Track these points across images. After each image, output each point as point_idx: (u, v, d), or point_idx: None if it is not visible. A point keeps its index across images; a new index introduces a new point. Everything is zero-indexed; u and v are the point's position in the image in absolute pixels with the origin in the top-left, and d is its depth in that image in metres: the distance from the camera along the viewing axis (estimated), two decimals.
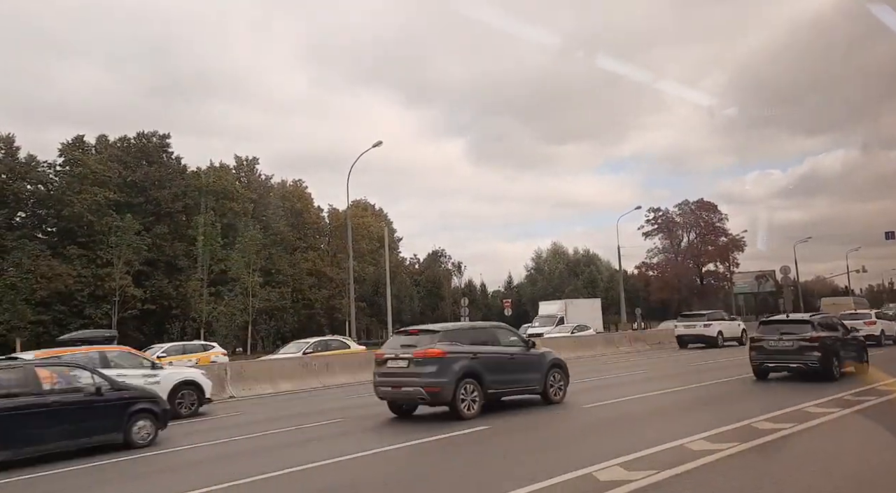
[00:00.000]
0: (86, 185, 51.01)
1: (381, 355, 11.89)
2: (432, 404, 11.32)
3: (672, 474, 6.51)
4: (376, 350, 13.28)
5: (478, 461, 7.95)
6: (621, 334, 36.34)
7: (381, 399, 12.03)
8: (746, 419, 9.36)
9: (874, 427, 9.00)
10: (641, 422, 10.23)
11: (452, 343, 11.31)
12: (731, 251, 76.90)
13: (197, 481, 7.48)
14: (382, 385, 11.60)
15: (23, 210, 52.37)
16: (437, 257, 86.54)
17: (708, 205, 78.68)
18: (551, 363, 12.61)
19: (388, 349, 11.91)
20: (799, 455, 7.48)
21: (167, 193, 55.07)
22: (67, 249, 49.82)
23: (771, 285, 76.41)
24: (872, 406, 10.50)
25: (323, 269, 66.85)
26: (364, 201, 77.36)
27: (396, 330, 15.51)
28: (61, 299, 48.25)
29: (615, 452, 7.50)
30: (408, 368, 11.15)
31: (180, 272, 54.66)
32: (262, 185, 68.26)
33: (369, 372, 19.80)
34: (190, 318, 52.46)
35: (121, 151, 56.49)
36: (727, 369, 17.61)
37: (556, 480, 6.47)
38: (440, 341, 11.25)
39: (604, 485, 6.28)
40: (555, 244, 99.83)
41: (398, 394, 11.43)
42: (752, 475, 6.53)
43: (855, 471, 6.72)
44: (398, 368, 11.34)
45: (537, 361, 12.45)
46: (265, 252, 57.88)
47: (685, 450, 7.58)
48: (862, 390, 12.24)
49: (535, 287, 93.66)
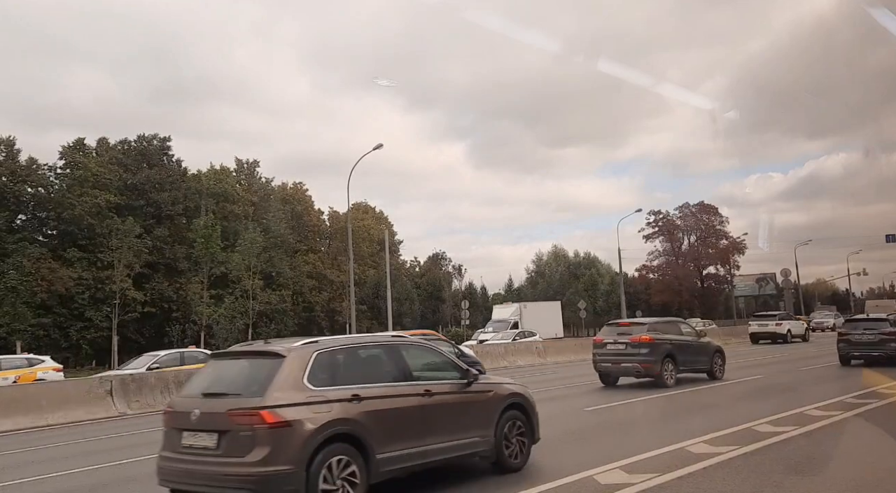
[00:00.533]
0: (86, 188, 51.08)
1: (600, 340, 15.88)
2: (644, 376, 14.86)
3: (673, 477, 6.49)
4: (595, 336, 17.62)
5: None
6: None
7: (598, 372, 15.62)
8: (747, 422, 9.34)
9: (876, 431, 8.97)
10: (641, 425, 10.20)
11: (656, 332, 15.03)
12: (732, 254, 76.88)
13: None
14: (603, 362, 14.95)
15: (23, 213, 52.44)
16: (438, 259, 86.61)
17: (708, 208, 78.76)
18: (714, 349, 16.35)
19: (606, 336, 15.75)
20: (800, 459, 7.45)
21: (167, 196, 55.12)
22: (68, 251, 49.87)
23: (772, 288, 76.40)
24: (874, 409, 10.47)
25: (323, 271, 66.87)
26: (365, 204, 77.42)
27: (608, 322, 18.88)
28: (62, 302, 48.29)
29: (615, 455, 7.48)
30: (625, 350, 14.84)
31: (181, 275, 54.68)
32: (262, 187, 68.32)
33: None
34: (190, 320, 52.47)
35: (121, 153, 56.57)
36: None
37: (557, 483, 6.45)
38: (648, 330, 15.01)
39: (604, 488, 6.26)
40: (555, 247, 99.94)
41: (617, 369, 14.63)
42: (753, 478, 6.51)
43: (856, 475, 6.70)
44: (617, 350, 15.07)
45: (706, 347, 16.22)
46: (265, 255, 57.91)
47: (686, 453, 7.56)
48: (863, 393, 12.21)
49: (536, 290, 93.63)
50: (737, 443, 7.95)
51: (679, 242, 79.98)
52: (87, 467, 9.00)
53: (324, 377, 5.92)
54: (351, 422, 5.80)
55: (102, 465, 9.12)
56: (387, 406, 6.14)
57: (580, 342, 30.63)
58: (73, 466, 9.09)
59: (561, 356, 27.12)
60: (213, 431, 5.66)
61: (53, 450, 11.02)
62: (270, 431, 5.40)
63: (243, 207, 62.06)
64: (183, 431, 5.93)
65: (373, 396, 6.07)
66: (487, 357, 24.77)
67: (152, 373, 17.81)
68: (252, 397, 5.61)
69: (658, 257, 79.73)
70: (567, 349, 28.78)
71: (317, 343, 6.26)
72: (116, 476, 8.41)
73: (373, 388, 6.16)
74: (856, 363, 17.92)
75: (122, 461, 9.35)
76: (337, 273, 65.87)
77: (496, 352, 25.83)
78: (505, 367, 24.34)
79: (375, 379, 6.32)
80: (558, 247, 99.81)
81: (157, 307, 52.78)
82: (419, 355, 7.07)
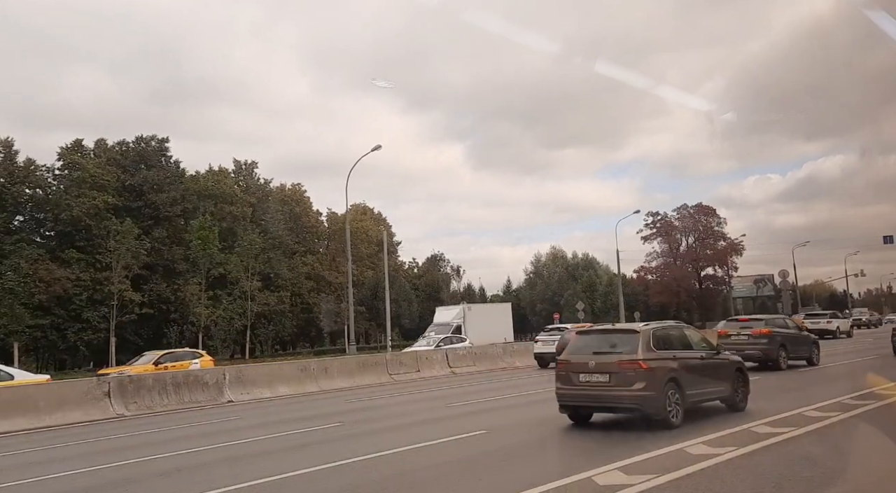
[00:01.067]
0: (84, 189, 51.01)
1: (724, 332, 19.32)
2: (762, 361, 17.85)
3: (671, 478, 6.50)
4: (719, 328, 20.93)
5: (477, 464, 7.92)
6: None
7: None
8: (745, 424, 9.35)
9: (874, 431, 8.98)
10: (639, 426, 10.21)
11: (772, 326, 18.73)
12: (730, 255, 76.89)
13: (198, 485, 7.46)
14: (729, 349, 15.79)
15: (21, 214, 52.37)
16: (437, 261, 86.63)
17: (707, 209, 78.76)
18: (812, 341, 20.09)
19: (730, 330, 19.24)
20: (798, 460, 7.47)
21: (165, 197, 55.06)
22: (66, 252, 49.79)
23: (769, 289, 76.52)
24: (872, 410, 10.49)
25: (322, 273, 66.83)
26: (363, 205, 77.43)
27: (728, 319, 22.78)
28: (59, 303, 48.20)
29: (614, 456, 7.49)
30: (748, 340, 18.13)
31: (179, 276, 54.61)
32: (260, 189, 68.28)
33: (367, 376, 19.56)
34: (188, 322, 52.40)
35: (119, 154, 56.51)
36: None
37: (556, 484, 6.45)
38: (766, 325, 18.75)
39: (603, 489, 6.27)
40: (554, 248, 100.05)
41: (742, 355, 15.46)
42: (751, 479, 6.52)
43: (855, 476, 6.71)
44: (740, 340, 18.18)
45: (807, 339, 19.96)
46: (264, 256, 57.88)
47: (684, 454, 7.57)
48: (861, 394, 12.22)
49: (534, 291, 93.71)
50: (735, 444, 7.97)
51: (677, 243, 79.97)
52: (85, 468, 8.99)
53: (657, 345, 9.98)
54: (675, 371, 9.82)
55: (101, 466, 9.10)
56: (687, 364, 10.17)
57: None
58: (71, 467, 9.08)
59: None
60: (606, 373, 9.70)
61: (52, 451, 11.01)
62: (644, 372, 9.44)
63: (241, 208, 62.01)
64: (580, 373, 9.94)
65: (680, 357, 10.17)
66: (485, 359, 24.73)
67: (150, 375, 17.88)
68: (630, 354, 9.64)
69: (656, 259, 79.75)
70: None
71: (650, 326, 10.83)
72: (115, 478, 8.40)
73: (679, 352, 10.28)
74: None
75: (121, 462, 9.34)
76: (335, 274, 65.82)
77: (494, 354, 25.76)
78: (503, 368, 24.33)
79: (679, 348, 10.43)
80: (556, 248, 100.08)
81: (155, 309, 52.70)
82: (693, 335, 11.38)
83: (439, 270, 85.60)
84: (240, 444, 10.50)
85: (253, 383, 18.15)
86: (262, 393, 17.97)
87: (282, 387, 18.53)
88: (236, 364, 27.54)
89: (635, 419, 9.79)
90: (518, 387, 17.44)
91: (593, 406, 10.14)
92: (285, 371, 19.43)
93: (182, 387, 16.72)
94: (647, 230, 78.52)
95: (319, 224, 73.03)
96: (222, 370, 18.51)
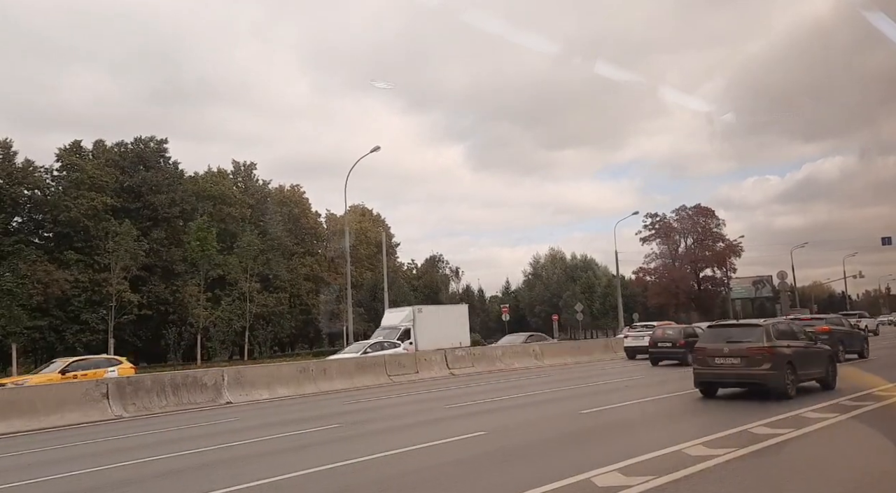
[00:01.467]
0: (83, 190, 50.97)
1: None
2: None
3: (670, 479, 6.51)
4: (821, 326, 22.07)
5: (476, 465, 7.92)
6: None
7: None
8: (743, 425, 9.37)
9: (872, 432, 9.00)
10: (638, 427, 10.23)
11: (832, 325, 21.44)
12: (729, 256, 76.94)
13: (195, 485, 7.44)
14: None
15: (19, 215, 52.27)
16: (435, 262, 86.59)
17: (705, 210, 78.81)
18: (863, 337, 23.21)
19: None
20: (796, 461, 7.48)
21: (164, 198, 55.02)
22: (64, 254, 49.73)
23: (768, 291, 76.48)
24: (870, 411, 10.51)
25: (321, 274, 66.79)
26: (362, 207, 77.41)
27: (791, 317, 25.08)
28: (58, 305, 48.14)
29: (612, 457, 7.49)
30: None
31: (177, 277, 54.57)
32: (259, 190, 68.25)
33: (366, 378, 19.62)
34: (187, 323, 52.34)
35: (118, 156, 56.47)
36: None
37: (555, 485, 6.46)
38: (826, 323, 21.69)
39: (601, 490, 6.27)
40: (552, 250, 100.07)
41: None
42: (749, 480, 6.53)
43: (853, 477, 6.72)
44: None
45: (858, 335, 23.08)
46: (262, 257, 57.84)
47: (683, 455, 7.58)
48: (859, 395, 12.25)
49: (533, 292, 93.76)
50: (734, 445, 7.97)
51: (676, 244, 80.00)
52: (86, 469, 8.98)
53: (776, 336, 12.78)
54: (789, 356, 12.59)
55: (102, 468, 9.09)
56: (797, 351, 12.94)
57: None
58: (71, 469, 9.07)
59: (558, 359, 27.16)
60: (738, 356, 12.54)
61: (52, 453, 11.00)
62: (769, 356, 12.27)
63: (240, 209, 61.97)
64: (715, 358, 12.83)
65: (793, 345, 12.98)
66: (484, 360, 24.78)
67: (149, 376, 17.86)
68: (758, 342, 12.51)
69: (655, 260, 79.78)
70: (563, 352, 28.82)
71: (769, 321, 14.36)
72: (115, 479, 8.39)
73: (791, 342, 13.07)
74: None
75: (121, 463, 9.33)
76: (334, 276, 65.78)
77: (492, 355, 25.79)
78: (501, 370, 24.35)
79: (790, 339, 13.19)
80: (555, 249, 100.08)
81: (153, 310, 52.64)
82: (797, 328, 14.19)
83: (438, 271, 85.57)
84: (239, 445, 10.50)
85: (252, 385, 18.15)
86: (260, 394, 17.97)
87: (280, 388, 18.53)
88: (235, 365, 27.51)
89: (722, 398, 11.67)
90: (517, 388, 17.45)
91: (727, 383, 13.13)
92: (284, 372, 19.43)
93: (181, 388, 16.72)
94: (646, 232, 78.61)
95: (318, 226, 73.00)
96: (221, 372, 18.49)
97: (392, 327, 33.32)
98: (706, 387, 13.17)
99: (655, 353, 24.06)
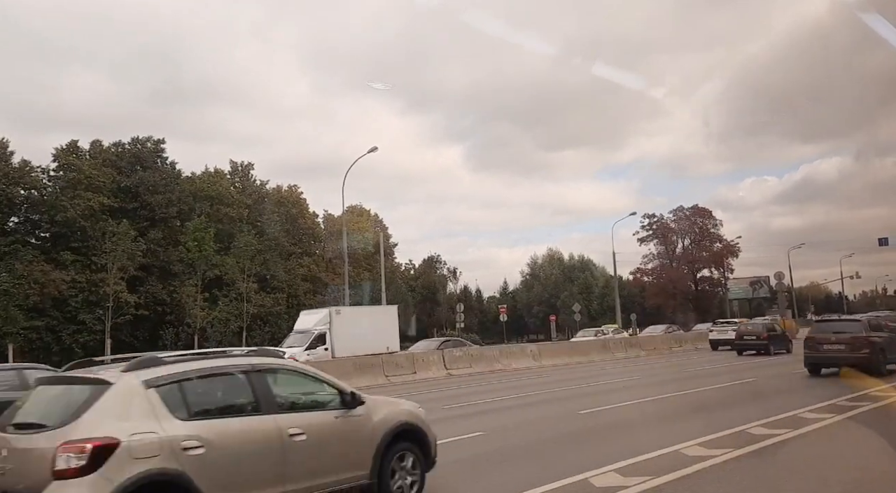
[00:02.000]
0: (80, 190, 50.83)
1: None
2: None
3: (668, 479, 6.52)
4: None
5: (475, 465, 7.93)
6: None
7: None
8: (741, 425, 9.38)
9: (868, 433, 9.02)
10: (636, 427, 10.25)
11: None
12: (726, 257, 77.06)
13: None
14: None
15: (16, 215, 52.13)
16: (433, 262, 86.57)
17: (703, 211, 78.89)
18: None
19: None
20: (794, 461, 7.50)
21: (161, 199, 54.90)
22: (61, 254, 49.61)
23: (765, 291, 76.57)
24: (866, 412, 10.54)
25: (318, 274, 66.75)
26: (360, 207, 77.37)
27: (873, 314, 24.63)
28: (55, 305, 48.02)
29: (610, 457, 7.50)
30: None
31: (174, 278, 54.47)
32: (256, 190, 68.17)
33: (363, 378, 19.70)
34: (184, 323, 52.27)
35: (115, 156, 56.32)
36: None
37: (553, 486, 6.46)
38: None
39: (599, 491, 6.28)
40: (551, 250, 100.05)
41: None
42: (747, 481, 6.54)
43: (850, 477, 6.73)
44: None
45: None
46: (260, 258, 57.77)
47: (680, 456, 7.58)
48: (856, 395, 12.28)
49: (531, 293, 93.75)
50: (731, 446, 7.98)
51: (673, 245, 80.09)
52: None
53: (872, 328, 16.26)
54: (881, 344, 16.08)
55: None
56: (886, 339, 16.39)
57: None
58: None
59: (557, 360, 27.20)
60: (843, 344, 15.79)
61: None
62: (868, 343, 15.65)
63: (238, 209, 61.89)
64: (823, 345, 16.14)
65: (882, 336, 16.30)
66: (482, 361, 24.88)
67: None
68: (859, 333, 15.89)
69: (652, 260, 79.83)
70: (562, 352, 28.86)
71: (865, 316, 18.30)
72: None
73: (881, 333, 16.47)
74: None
75: None
76: (332, 276, 65.74)
77: (491, 356, 25.83)
78: (501, 370, 24.40)
79: (877, 330, 16.56)
80: (553, 250, 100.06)
81: (150, 310, 52.56)
82: (881, 323, 17.55)
83: (436, 271, 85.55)
84: None
85: None
86: None
87: None
88: None
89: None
90: (515, 389, 17.45)
91: (833, 364, 16.08)
92: None
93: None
94: (644, 232, 78.67)
95: (316, 226, 72.94)
96: None
97: (305, 331, 29.49)
98: (813, 367, 16.47)
99: (740, 344, 27.49)
